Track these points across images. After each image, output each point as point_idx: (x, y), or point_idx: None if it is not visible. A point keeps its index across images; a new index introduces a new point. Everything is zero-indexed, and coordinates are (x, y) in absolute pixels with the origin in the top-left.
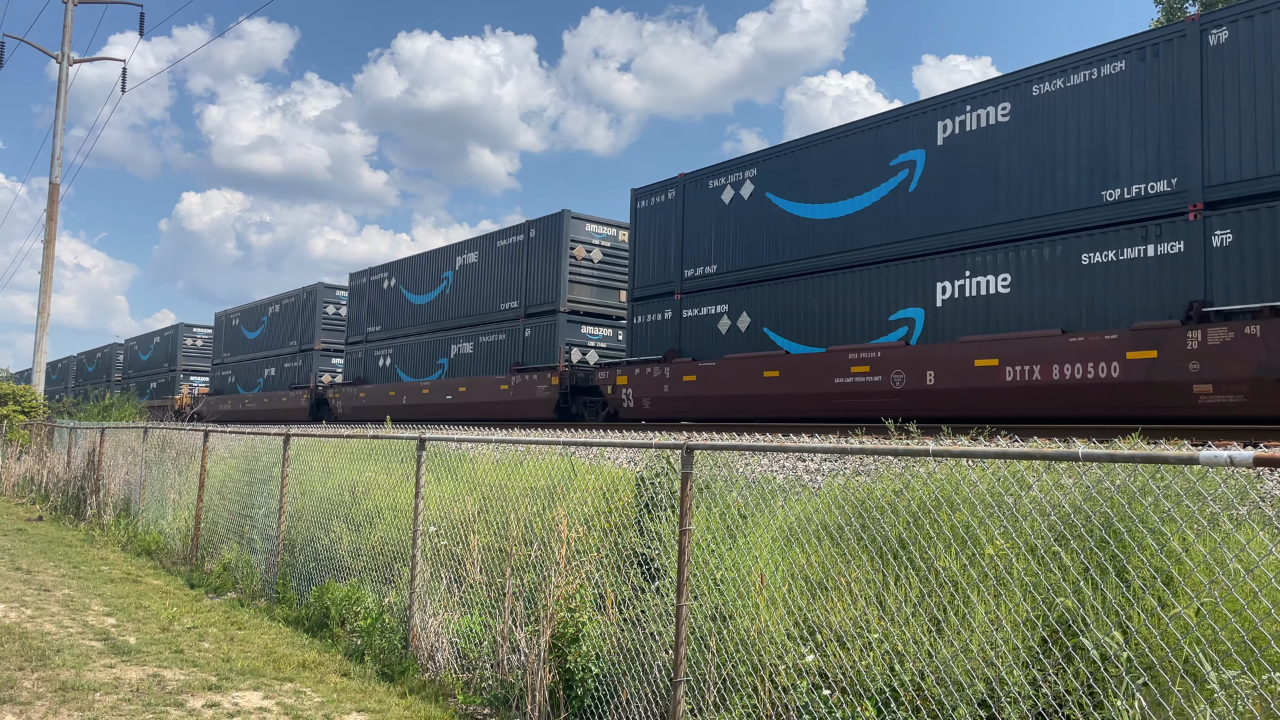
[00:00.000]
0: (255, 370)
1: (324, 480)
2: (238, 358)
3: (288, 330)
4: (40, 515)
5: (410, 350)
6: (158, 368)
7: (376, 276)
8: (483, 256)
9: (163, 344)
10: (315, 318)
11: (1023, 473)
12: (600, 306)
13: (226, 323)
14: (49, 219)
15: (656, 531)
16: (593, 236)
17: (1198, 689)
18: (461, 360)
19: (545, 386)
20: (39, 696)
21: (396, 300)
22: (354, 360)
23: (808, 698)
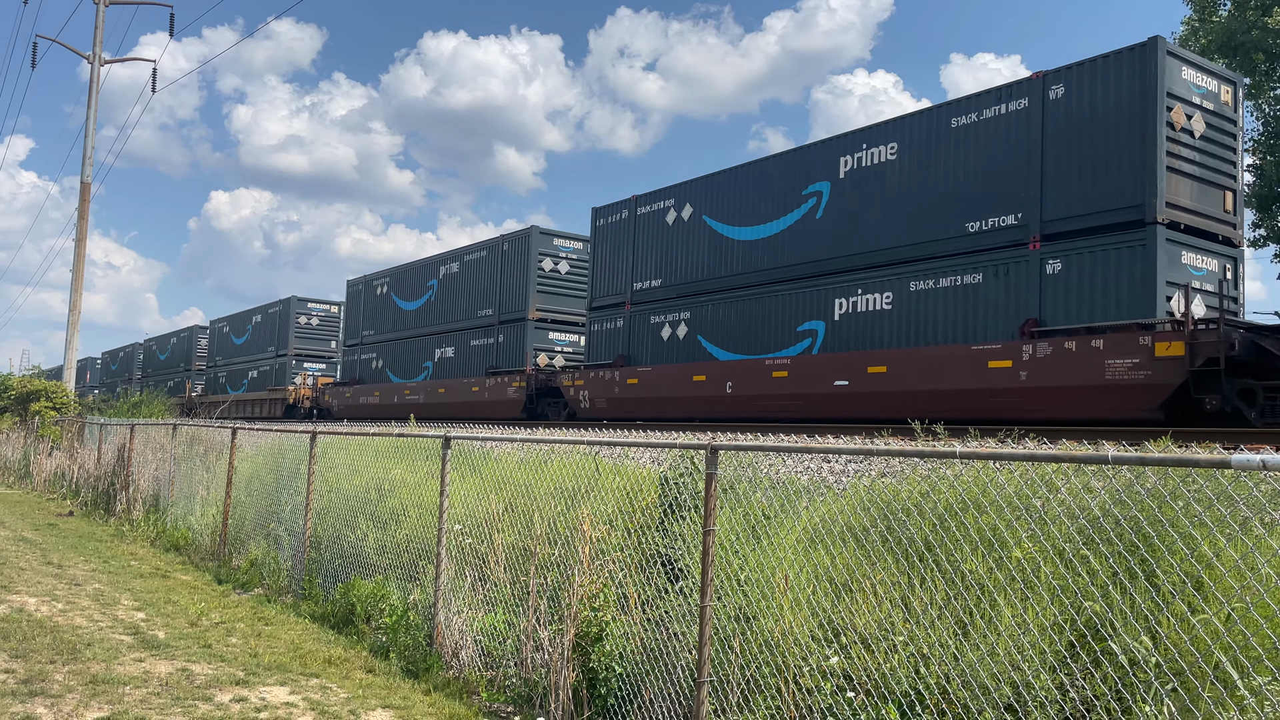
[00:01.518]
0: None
1: (350, 478)
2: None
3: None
4: (71, 510)
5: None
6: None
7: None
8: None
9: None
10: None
11: (1051, 476)
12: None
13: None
14: (80, 217)
15: (680, 532)
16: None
17: (1228, 695)
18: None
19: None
20: (70, 689)
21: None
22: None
23: (832, 700)
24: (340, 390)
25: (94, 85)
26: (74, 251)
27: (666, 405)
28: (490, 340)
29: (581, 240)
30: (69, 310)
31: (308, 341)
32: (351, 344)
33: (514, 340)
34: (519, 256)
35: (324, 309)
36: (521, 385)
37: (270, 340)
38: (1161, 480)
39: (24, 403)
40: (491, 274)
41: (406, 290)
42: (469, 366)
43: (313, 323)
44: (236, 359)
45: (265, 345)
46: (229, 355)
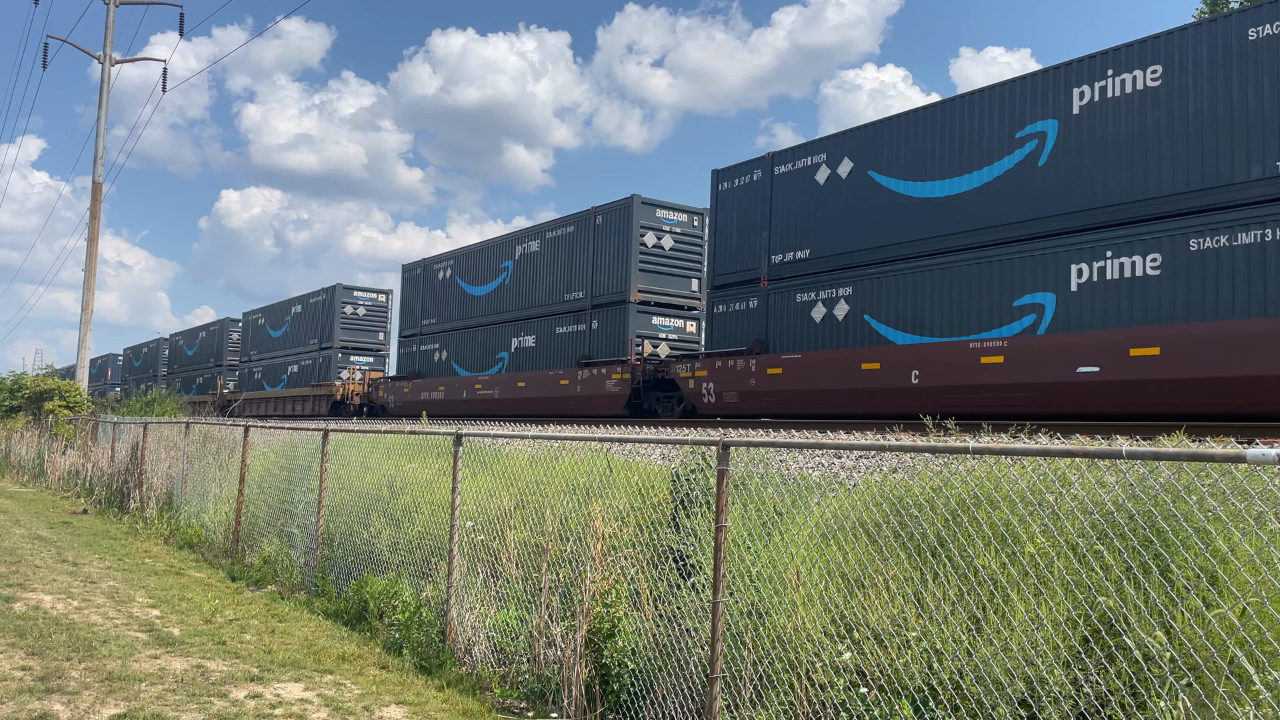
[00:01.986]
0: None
1: (362, 475)
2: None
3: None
4: (85, 509)
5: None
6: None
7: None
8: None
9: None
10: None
11: (1064, 470)
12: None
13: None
14: (92, 217)
15: (692, 528)
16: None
17: (1243, 690)
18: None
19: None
20: (86, 686)
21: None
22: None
23: (844, 695)
24: (397, 385)
25: (105, 85)
26: (86, 251)
27: (821, 399)
28: (581, 327)
29: (687, 211)
30: (81, 309)
31: (354, 333)
32: (409, 334)
33: (612, 326)
34: (617, 230)
35: (371, 298)
36: (624, 377)
37: (312, 332)
38: (1175, 475)
39: (38, 402)
40: (581, 251)
41: (475, 273)
42: (555, 357)
43: (359, 312)
44: (274, 353)
45: (306, 338)
46: (265, 349)
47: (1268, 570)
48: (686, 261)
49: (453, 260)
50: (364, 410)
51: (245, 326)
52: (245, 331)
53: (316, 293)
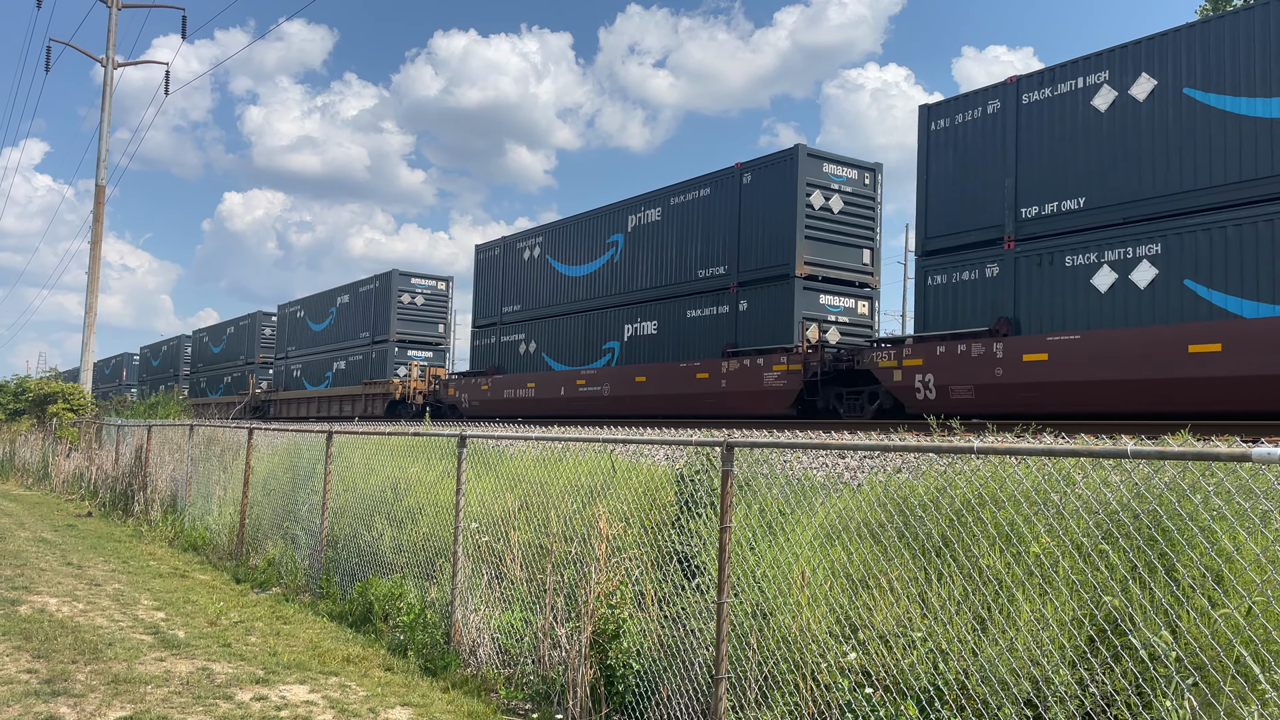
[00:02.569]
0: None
1: (366, 477)
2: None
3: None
4: (90, 511)
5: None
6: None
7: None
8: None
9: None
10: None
11: (1069, 470)
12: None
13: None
14: (95, 220)
15: (696, 529)
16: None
17: (1249, 689)
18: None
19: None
20: (92, 689)
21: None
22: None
23: (850, 696)
24: (472, 382)
25: (107, 88)
26: (89, 254)
27: (1113, 393)
28: (723, 309)
29: (858, 167)
30: (85, 312)
31: (412, 325)
32: (486, 324)
33: (771, 306)
34: (775, 190)
35: (430, 285)
36: (792, 369)
37: (363, 324)
38: (1181, 474)
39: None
40: (722, 216)
41: (571, 251)
42: (683, 346)
43: (417, 302)
44: (316, 349)
45: (356, 331)
46: (306, 345)
47: (1274, 569)
48: (859, 228)
49: (541, 237)
50: (426, 411)
51: (281, 320)
52: (281, 326)
53: (367, 280)
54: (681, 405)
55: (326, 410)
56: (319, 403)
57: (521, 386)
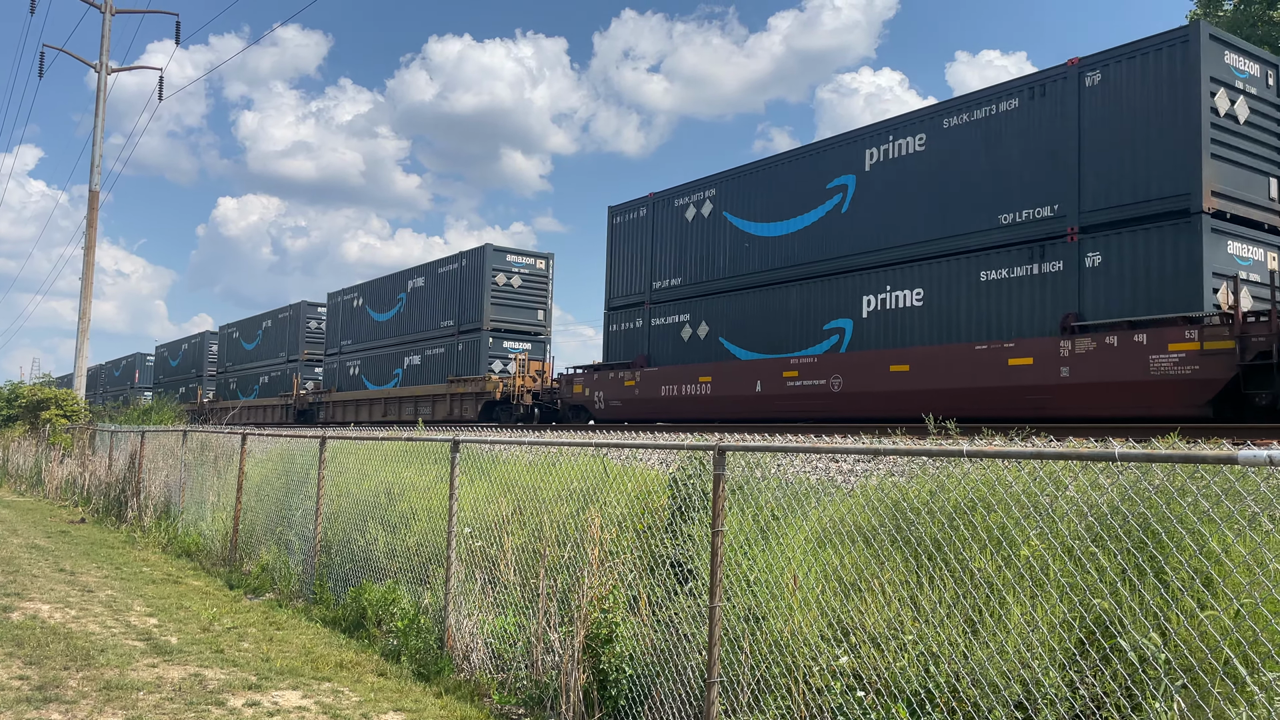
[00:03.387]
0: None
1: (359, 482)
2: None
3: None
4: (83, 517)
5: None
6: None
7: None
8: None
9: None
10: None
11: (1059, 473)
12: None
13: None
14: (89, 226)
15: (689, 533)
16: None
17: (1238, 691)
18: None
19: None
20: (84, 695)
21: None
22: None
23: (842, 699)
24: (612, 378)
25: (101, 94)
26: (83, 259)
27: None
28: (1050, 266)
29: None
30: (79, 318)
31: (508, 310)
32: (625, 305)
33: (1150, 258)
34: (1155, 90)
35: (528, 263)
36: (1213, 348)
37: (444, 311)
38: (1169, 477)
39: (35, 411)
40: (1042, 137)
41: (761, 204)
42: (971, 320)
43: (513, 283)
44: (376, 343)
45: (434, 319)
46: (363, 338)
47: (1262, 571)
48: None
49: (713, 189)
50: (535, 413)
51: (333, 311)
52: (333, 317)
53: (449, 259)
54: (978, 403)
55: (397, 413)
56: (386, 404)
57: (690, 381)
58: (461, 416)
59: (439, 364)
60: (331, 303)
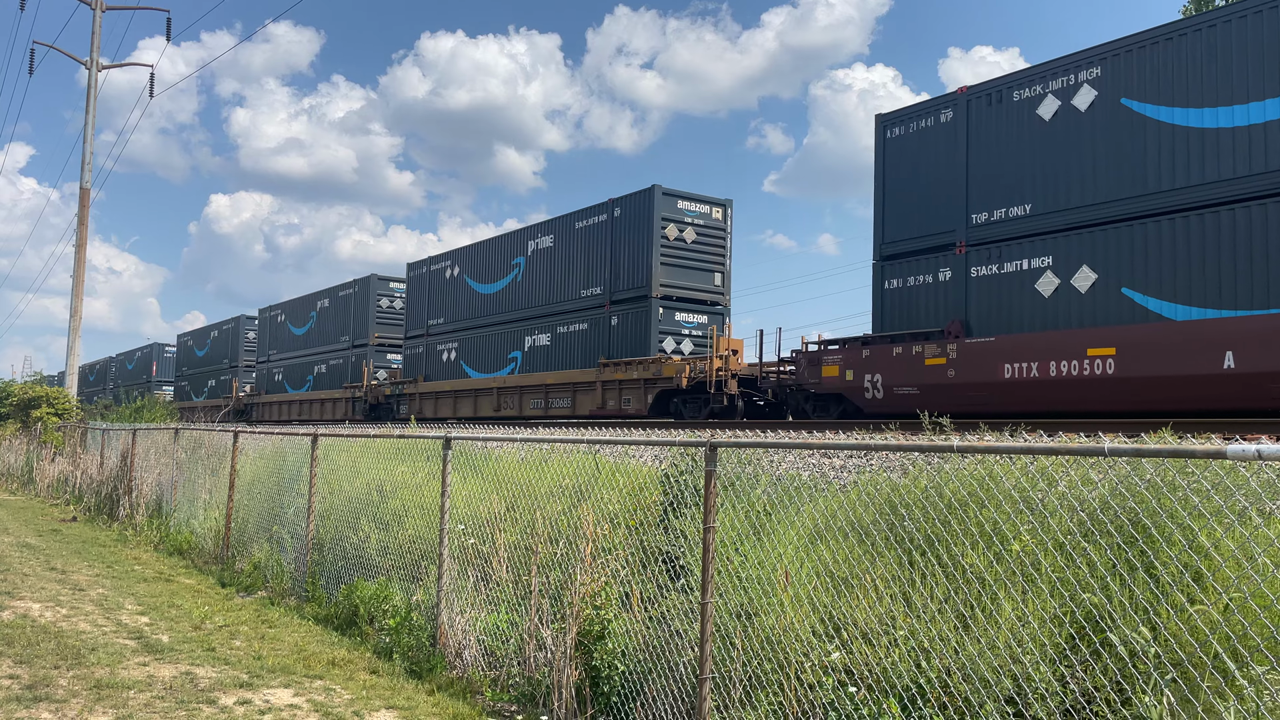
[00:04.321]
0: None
1: (351, 480)
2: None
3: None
4: (74, 516)
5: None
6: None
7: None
8: None
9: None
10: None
11: (1049, 469)
12: None
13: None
14: (80, 223)
15: (681, 529)
16: None
17: (1227, 685)
18: None
19: None
20: (74, 694)
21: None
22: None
23: (833, 695)
24: (897, 356)
25: (92, 91)
26: (74, 257)
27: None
28: None
29: None
30: (70, 316)
31: (679, 273)
32: (911, 251)
33: None
34: None
35: (703, 212)
36: None
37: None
38: (1159, 472)
39: (26, 409)
40: None
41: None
42: None
43: (686, 237)
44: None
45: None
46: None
47: (1250, 565)
48: None
49: (1094, 68)
50: (739, 405)
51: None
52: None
53: (597, 209)
54: None
55: (517, 405)
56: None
57: (1066, 355)
58: (621, 410)
59: (581, 343)
60: (413, 276)
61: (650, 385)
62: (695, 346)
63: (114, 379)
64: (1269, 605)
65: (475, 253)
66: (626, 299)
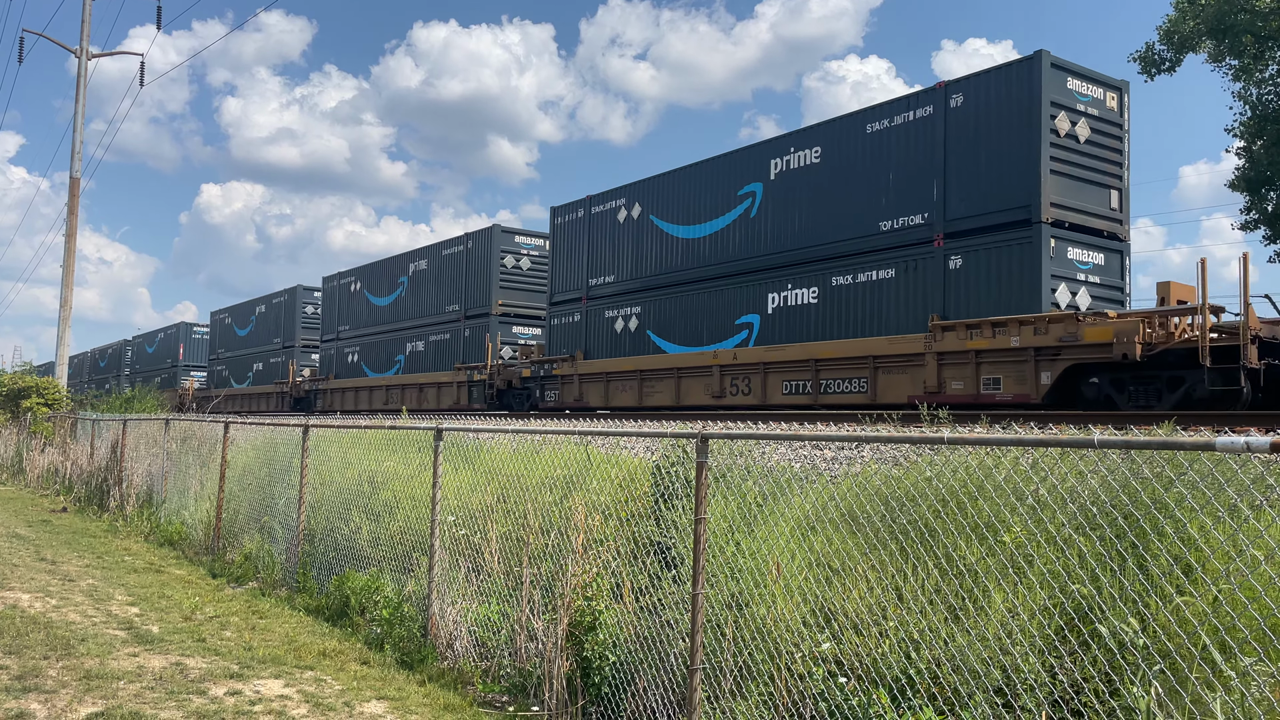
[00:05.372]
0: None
1: (342, 471)
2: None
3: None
4: (64, 506)
5: None
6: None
7: None
8: None
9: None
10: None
11: (1039, 461)
12: None
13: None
14: (70, 213)
15: (673, 520)
16: None
17: (1214, 676)
18: None
19: None
20: (64, 685)
21: None
22: None
23: (824, 685)
24: None
25: (82, 80)
26: (64, 247)
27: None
28: None
29: None
30: (60, 306)
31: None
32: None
33: None
34: None
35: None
36: None
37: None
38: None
39: (16, 399)
40: None
41: None
42: None
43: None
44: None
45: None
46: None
47: (1239, 558)
48: None
49: None
50: None
51: (214, 325)
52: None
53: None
54: None
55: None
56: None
57: None
58: (987, 397)
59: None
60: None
61: (1050, 357)
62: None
63: (130, 364)
64: (1257, 597)
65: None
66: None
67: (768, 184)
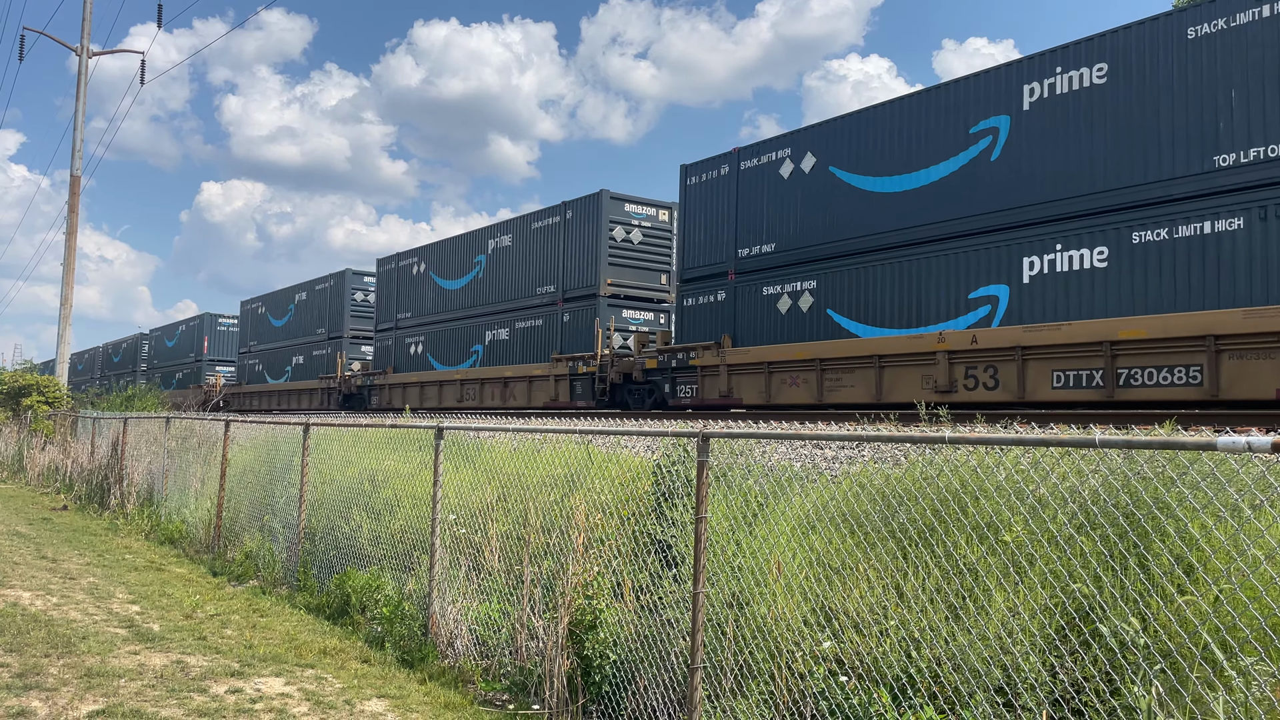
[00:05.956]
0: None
1: (343, 469)
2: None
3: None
4: (65, 504)
5: None
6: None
7: None
8: None
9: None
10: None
11: (1040, 460)
12: None
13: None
14: (70, 211)
15: (674, 519)
16: None
17: (1215, 676)
18: None
19: None
20: (65, 683)
21: None
22: None
23: (824, 684)
24: None
25: (82, 78)
26: (65, 245)
27: None
28: None
29: None
30: (61, 304)
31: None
32: None
33: None
34: None
35: None
36: None
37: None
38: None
39: (16, 397)
40: None
41: None
42: None
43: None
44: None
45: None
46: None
47: (1240, 557)
48: None
49: None
50: None
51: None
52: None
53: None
54: None
55: None
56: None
57: None
58: None
59: None
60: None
61: None
62: None
63: (148, 359)
64: (1258, 597)
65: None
66: None
67: (1019, 116)
